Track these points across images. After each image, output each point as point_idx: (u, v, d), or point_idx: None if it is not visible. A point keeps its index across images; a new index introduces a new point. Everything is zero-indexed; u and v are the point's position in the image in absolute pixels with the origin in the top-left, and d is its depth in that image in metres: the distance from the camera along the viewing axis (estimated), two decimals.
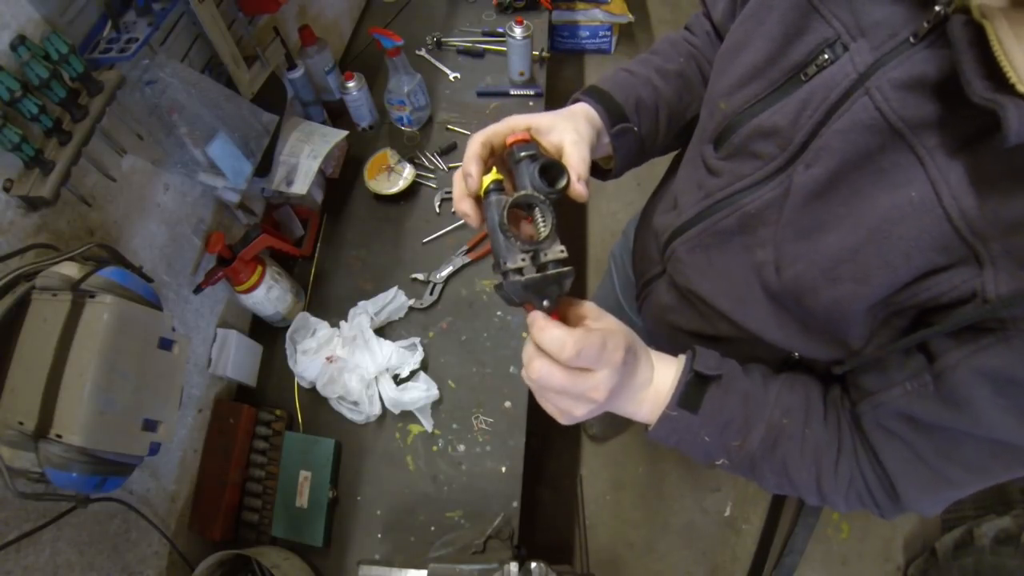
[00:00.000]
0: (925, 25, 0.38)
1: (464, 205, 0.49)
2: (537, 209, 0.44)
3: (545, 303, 0.44)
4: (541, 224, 0.44)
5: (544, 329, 0.42)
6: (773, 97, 0.50)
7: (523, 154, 0.46)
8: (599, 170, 0.67)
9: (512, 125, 0.50)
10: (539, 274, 0.43)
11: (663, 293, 0.69)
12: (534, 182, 0.44)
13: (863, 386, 0.50)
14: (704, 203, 0.57)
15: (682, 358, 0.54)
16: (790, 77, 0.48)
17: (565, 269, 0.43)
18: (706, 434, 0.52)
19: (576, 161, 0.49)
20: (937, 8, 0.37)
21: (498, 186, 0.46)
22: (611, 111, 0.60)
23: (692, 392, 0.51)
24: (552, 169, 0.46)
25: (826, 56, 0.45)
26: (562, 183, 0.45)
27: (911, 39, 0.40)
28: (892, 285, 0.42)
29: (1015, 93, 0.32)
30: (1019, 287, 0.36)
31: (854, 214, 0.43)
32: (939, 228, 0.38)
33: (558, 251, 0.43)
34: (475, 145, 0.49)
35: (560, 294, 0.44)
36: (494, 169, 0.48)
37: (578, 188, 0.47)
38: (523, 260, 0.43)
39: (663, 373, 0.53)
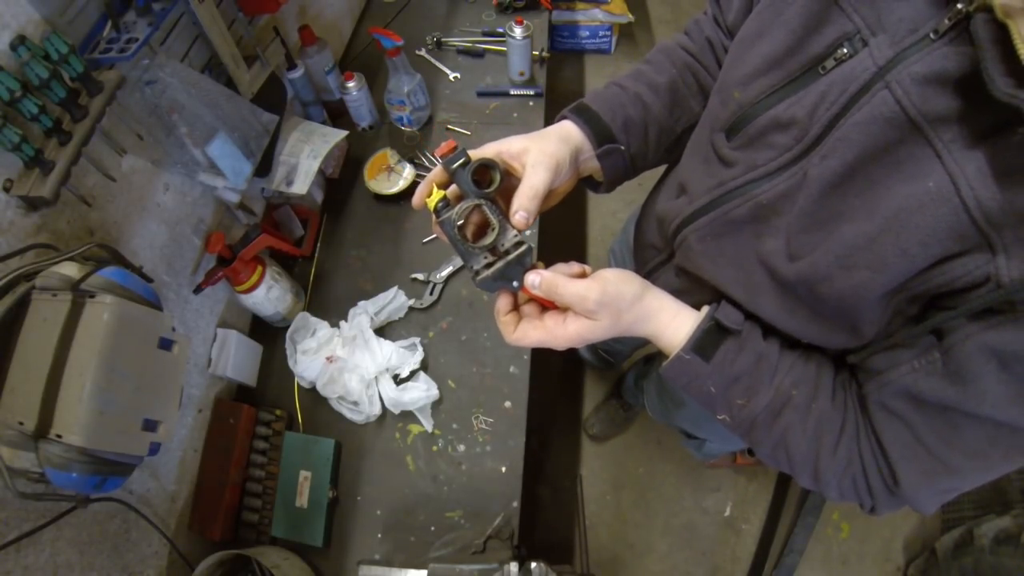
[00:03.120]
0: (947, 22, 0.39)
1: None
2: (485, 208, 0.50)
3: (515, 284, 0.51)
4: (494, 222, 0.50)
5: (506, 325, 0.54)
6: (790, 88, 0.50)
7: (454, 165, 0.50)
8: (593, 183, 0.69)
9: (483, 152, 0.54)
10: (502, 263, 0.50)
11: (671, 278, 0.69)
12: (470, 188, 0.50)
13: (871, 367, 0.51)
14: (716, 192, 0.57)
15: (706, 307, 0.56)
16: (807, 69, 0.49)
17: (522, 249, 0.50)
18: (713, 385, 0.53)
19: (523, 191, 0.52)
20: (959, 6, 0.38)
21: (445, 203, 0.50)
22: (597, 131, 0.62)
23: (708, 340, 0.53)
24: (484, 170, 0.50)
25: (845, 50, 0.46)
26: (496, 182, 0.50)
27: (931, 35, 0.41)
28: (908, 272, 0.43)
29: None
30: None
31: (869, 204, 0.44)
32: (956, 217, 0.40)
33: (512, 237, 0.51)
34: (434, 171, 0.53)
35: (525, 270, 0.51)
36: (434, 188, 0.52)
37: (515, 218, 0.51)
38: (486, 258, 0.50)
39: (687, 316, 0.55)
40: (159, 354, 0.62)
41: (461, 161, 0.50)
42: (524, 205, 0.51)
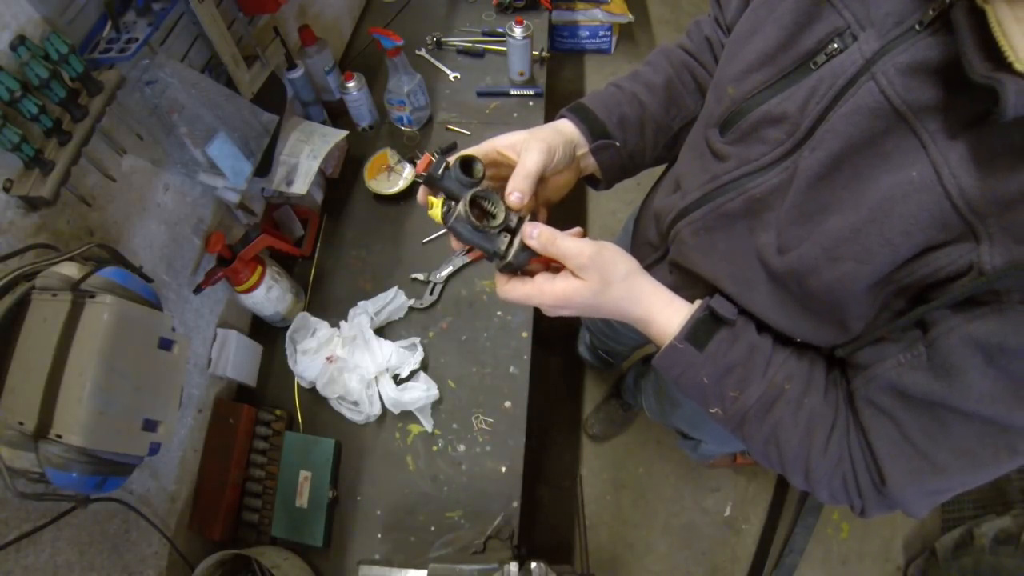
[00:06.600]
0: (931, 12, 0.40)
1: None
2: (485, 200, 0.53)
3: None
4: (494, 208, 0.53)
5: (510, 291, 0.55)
6: (782, 84, 0.51)
7: (439, 173, 0.53)
8: (594, 180, 0.70)
9: (475, 149, 0.56)
10: (520, 238, 0.52)
11: (665, 275, 0.70)
12: (463, 182, 0.52)
13: (858, 362, 0.51)
14: (709, 186, 0.58)
15: (698, 300, 0.56)
16: (799, 65, 0.49)
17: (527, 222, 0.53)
18: (706, 375, 0.53)
19: (516, 173, 0.54)
20: None
21: (448, 208, 0.53)
22: (593, 128, 0.64)
23: (702, 329, 0.53)
24: (467, 164, 0.53)
25: (835, 45, 0.46)
26: (481, 171, 0.53)
27: (917, 27, 0.41)
28: (893, 263, 0.43)
29: (1013, 71, 0.34)
30: (1013, 260, 0.38)
31: (856, 196, 0.44)
32: (938, 206, 0.40)
33: (514, 217, 0.53)
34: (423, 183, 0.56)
35: None
36: (430, 199, 0.54)
37: (509, 199, 0.53)
38: (506, 237, 0.53)
39: (680, 306, 0.55)
40: (159, 354, 0.62)
41: (442, 167, 0.52)
42: (518, 186, 0.53)
